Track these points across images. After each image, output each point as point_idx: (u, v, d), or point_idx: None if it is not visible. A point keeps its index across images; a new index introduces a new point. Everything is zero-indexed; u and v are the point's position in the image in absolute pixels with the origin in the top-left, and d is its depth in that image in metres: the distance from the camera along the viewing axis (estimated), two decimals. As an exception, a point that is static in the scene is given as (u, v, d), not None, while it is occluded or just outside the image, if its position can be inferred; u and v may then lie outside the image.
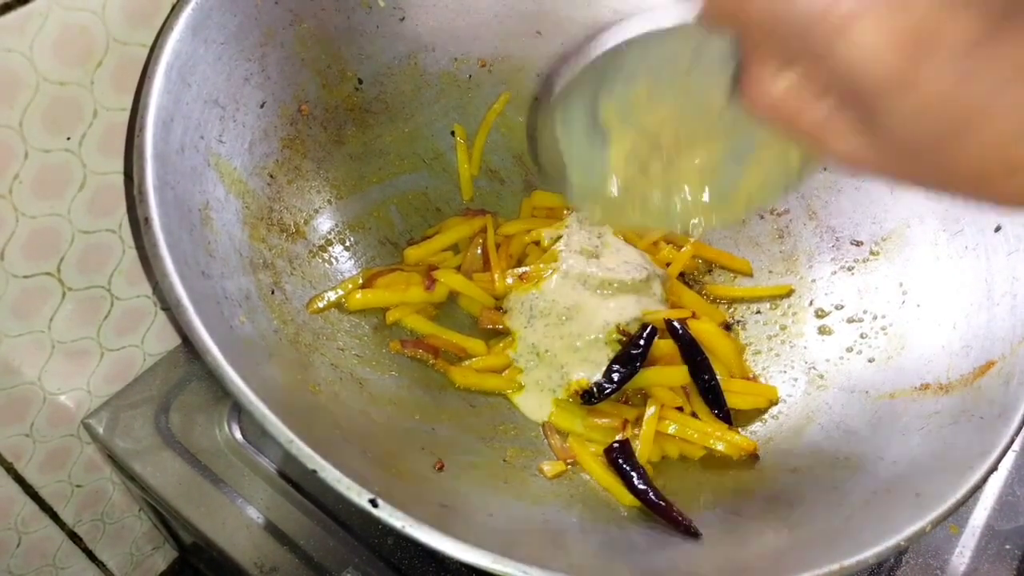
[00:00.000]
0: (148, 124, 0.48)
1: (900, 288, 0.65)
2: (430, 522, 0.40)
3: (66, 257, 0.62)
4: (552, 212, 0.77)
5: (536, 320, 0.66)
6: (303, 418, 0.47)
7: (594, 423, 0.62)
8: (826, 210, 0.71)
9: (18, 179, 0.55)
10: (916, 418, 0.56)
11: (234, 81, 0.57)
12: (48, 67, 0.53)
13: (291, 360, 0.54)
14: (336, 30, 0.66)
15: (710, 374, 0.63)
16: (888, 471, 0.53)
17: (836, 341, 0.66)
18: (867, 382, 0.62)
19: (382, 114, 0.71)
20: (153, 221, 0.45)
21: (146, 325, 0.72)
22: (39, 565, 0.75)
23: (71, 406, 0.69)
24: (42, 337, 0.63)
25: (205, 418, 0.70)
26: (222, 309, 0.49)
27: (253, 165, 0.59)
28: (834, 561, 0.43)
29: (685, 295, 0.71)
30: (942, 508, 0.46)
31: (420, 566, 0.61)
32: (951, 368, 0.57)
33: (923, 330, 0.61)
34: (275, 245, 0.60)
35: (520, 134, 0.78)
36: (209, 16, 0.55)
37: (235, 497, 0.64)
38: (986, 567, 0.61)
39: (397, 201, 0.72)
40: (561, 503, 0.55)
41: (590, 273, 0.67)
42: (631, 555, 0.50)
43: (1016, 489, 0.66)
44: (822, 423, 0.61)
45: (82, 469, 0.73)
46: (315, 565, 0.60)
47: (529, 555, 0.41)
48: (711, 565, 0.50)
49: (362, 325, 0.64)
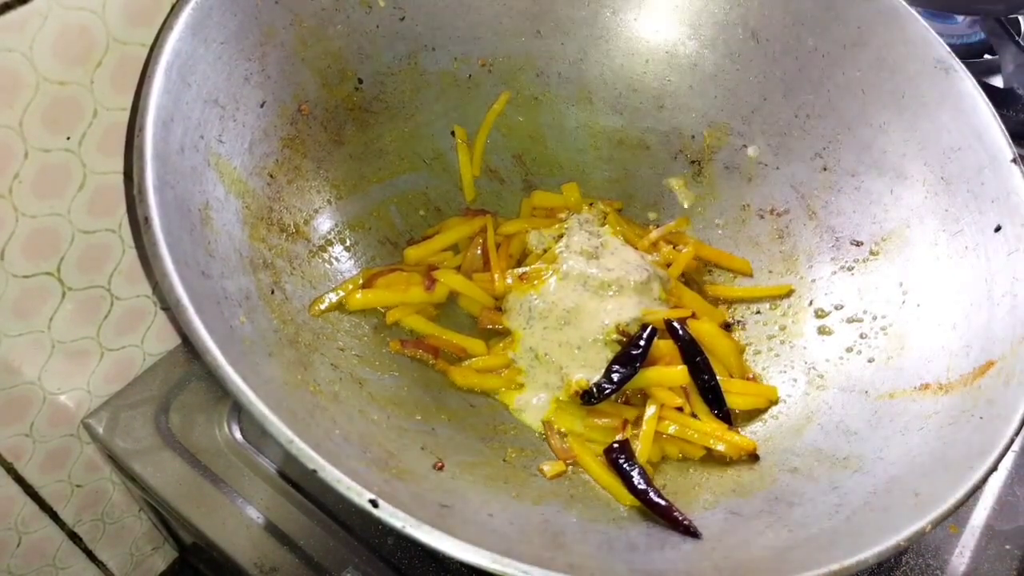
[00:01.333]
0: (148, 124, 0.48)
1: (900, 288, 0.65)
2: (430, 522, 0.40)
3: (66, 257, 0.62)
4: (552, 212, 0.77)
5: (536, 321, 0.66)
6: (303, 418, 0.47)
7: (594, 423, 0.62)
8: (826, 210, 0.71)
9: (18, 179, 0.56)
10: (916, 418, 0.56)
11: (234, 81, 0.57)
12: (48, 67, 0.53)
13: (291, 360, 0.54)
14: (336, 30, 0.66)
15: (710, 374, 0.63)
16: (888, 471, 0.53)
17: (836, 341, 0.66)
18: (867, 382, 0.62)
19: (382, 114, 0.71)
20: (153, 221, 0.45)
21: (146, 325, 0.72)
22: (39, 565, 0.75)
23: (71, 406, 0.69)
24: (42, 337, 0.63)
25: (205, 418, 0.70)
26: (222, 309, 0.49)
27: (253, 165, 0.59)
28: (834, 561, 0.43)
29: (685, 295, 0.71)
30: (942, 508, 0.46)
31: (420, 566, 0.61)
32: (951, 368, 0.57)
33: (923, 330, 0.61)
34: (275, 245, 0.60)
35: (520, 134, 0.78)
36: (209, 16, 0.55)
37: (235, 497, 0.64)
38: (986, 567, 0.61)
39: (397, 201, 0.72)
40: (561, 503, 0.55)
41: (590, 274, 0.67)
42: (631, 555, 0.50)
43: (1016, 489, 0.66)
44: (822, 423, 0.61)
45: (82, 469, 0.73)
46: (315, 565, 0.60)
47: (529, 555, 0.41)
48: (711, 565, 0.50)
49: (362, 325, 0.64)
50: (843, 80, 0.69)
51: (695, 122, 0.77)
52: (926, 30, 0.66)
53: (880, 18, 0.67)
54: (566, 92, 0.78)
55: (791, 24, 0.71)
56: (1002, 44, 1.00)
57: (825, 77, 0.70)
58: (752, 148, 0.75)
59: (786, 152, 0.73)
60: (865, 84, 0.68)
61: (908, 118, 0.66)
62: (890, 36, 0.67)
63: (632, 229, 0.76)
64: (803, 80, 0.71)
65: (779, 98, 0.73)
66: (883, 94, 0.67)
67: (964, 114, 0.63)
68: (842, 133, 0.70)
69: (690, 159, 0.78)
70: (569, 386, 0.64)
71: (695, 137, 0.77)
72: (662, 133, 0.78)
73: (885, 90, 0.67)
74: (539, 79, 0.77)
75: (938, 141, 0.64)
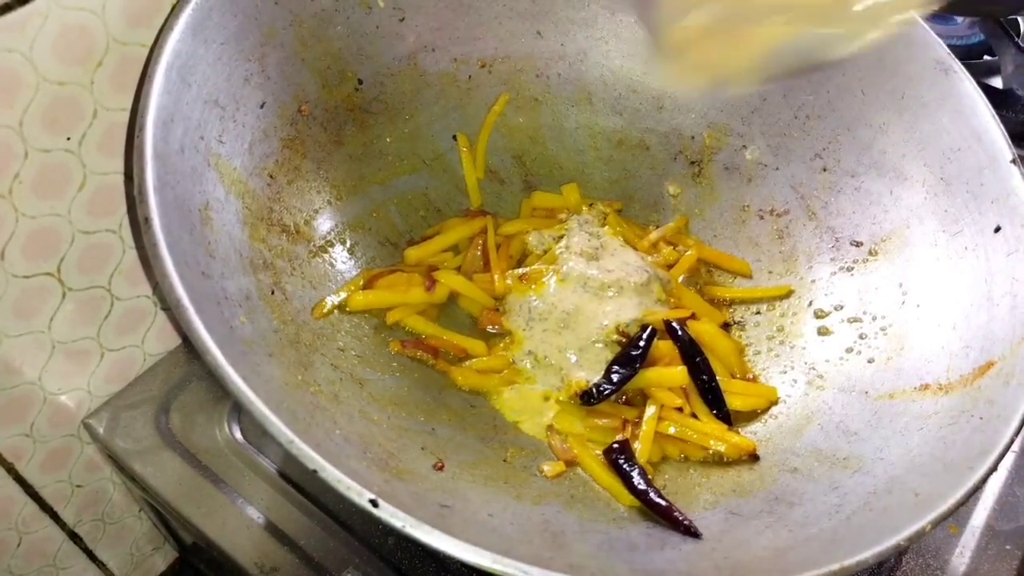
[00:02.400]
0: (148, 124, 0.48)
1: (900, 288, 0.65)
2: (430, 522, 0.40)
3: (66, 257, 0.62)
4: (552, 213, 0.77)
5: (536, 322, 0.66)
6: (303, 418, 0.47)
7: (594, 423, 0.62)
8: (826, 210, 0.71)
9: (18, 179, 0.56)
10: (916, 418, 0.56)
11: (234, 81, 0.57)
12: (48, 67, 0.53)
13: (291, 360, 0.54)
14: (336, 30, 0.66)
15: (710, 375, 0.63)
16: (888, 471, 0.53)
17: (836, 341, 0.66)
18: (867, 382, 0.62)
19: (382, 114, 0.71)
20: (153, 221, 0.45)
21: (146, 325, 0.72)
22: (39, 565, 0.75)
23: (71, 406, 0.69)
24: (42, 337, 0.63)
25: (205, 418, 0.70)
26: (222, 309, 0.49)
27: (253, 165, 0.59)
28: (834, 561, 0.43)
29: (685, 296, 0.71)
30: (942, 508, 0.46)
31: (420, 566, 0.61)
32: (951, 368, 0.57)
33: (923, 330, 0.61)
34: (275, 245, 0.60)
35: (520, 135, 0.78)
36: (209, 16, 0.55)
37: (235, 497, 0.64)
38: (986, 567, 0.61)
39: (397, 201, 0.72)
40: (561, 503, 0.55)
41: (590, 275, 0.67)
42: (631, 555, 0.50)
43: (1016, 489, 0.66)
44: (822, 423, 0.61)
45: (82, 469, 0.73)
46: (315, 565, 0.60)
47: (529, 555, 0.41)
48: (711, 565, 0.50)
49: (362, 325, 0.64)
50: (843, 81, 0.69)
51: (695, 123, 0.77)
52: (926, 31, 0.66)
53: (880, 19, 0.67)
54: (566, 93, 0.78)
55: (791, 25, 0.71)
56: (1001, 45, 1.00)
57: (825, 78, 0.70)
58: (752, 149, 0.75)
59: (786, 153, 0.73)
60: (865, 85, 0.68)
61: (908, 119, 0.66)
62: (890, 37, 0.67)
63: (632, 230, 0.76)
64: (803, 81, 0.71)
65: (779, 99, 0.73)
66: (883, 95, 0.67)
67: (964, 115, 0.63)
68: (842, 134, 0.70)
69: (690, 160, 0.78)
70: (569, 387, 0.64)
71: (695, 138, 0.77)
72: (662, 134, 0.78)
73: (885, 91, 0.67)
74: (539, 80, 0.77)
75: (938, 142, 0.64)
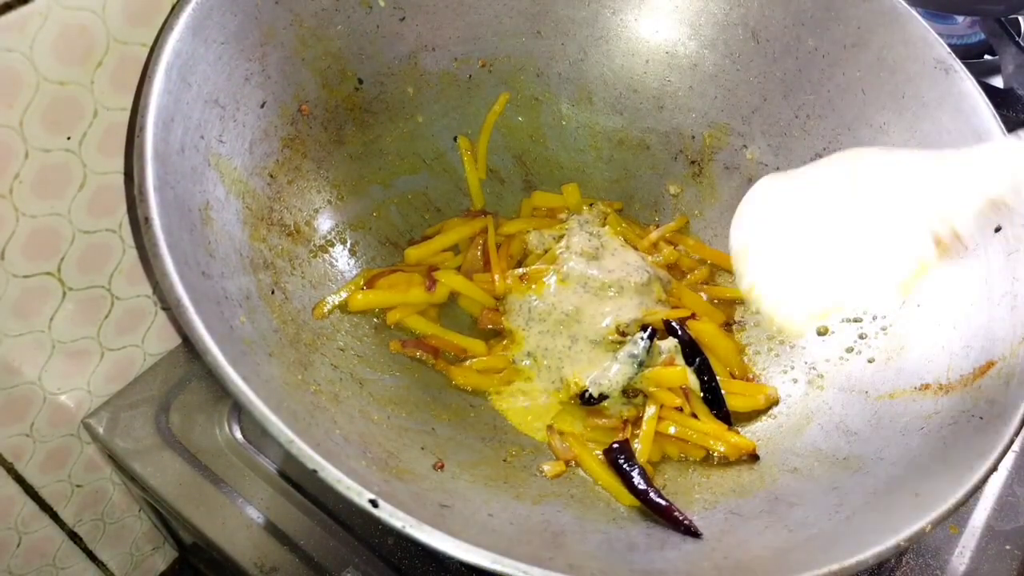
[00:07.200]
0: (148, 124, 0.48)
1: (900, 288, 0.65)
2: (430, 522, 0.40)
3: (66, 257, 0.62)
4: (552, 212, 0.77)
5: (536, 322, 0.66)
6: (303, 418, 0.47)
7: (594, 423, 0.63)
8: (826, 210, 0.71)
9: (18, 179, 0.56)
10: (916, 418, 0.56)
11: (234, 81, 0.57)
12: (48, 67, 0.53)
13: (291, 360, 0.54)
14: (336, 30, 0.66)
15: (710, 375, 0.63)
16: (888, 471, 0.53)
17: (836, 341, 0.66)
18: (867, 382, 0.62)
19: (382, 114, 0.71)
20: (153, 221, 0.45)
21: (146, 325, 0.72)
22: (39, 565, 0.75)
23: (71, 406, 0.69)
24: (42, 337, 0.63)
25: (205, 418, 0.70)
26: (222, 309, 0.49)
27: (253, 165, 0.59)
28: (834, 561, 0.43)
29: (686, 296, 0.71)
30: (942, 508, 0.46)
31: (420, 566, 0.61)
32: (951, 368, 0.57)
33: (923, 330, 0.61)
34: (275, 245, 0.60)
35: (520, 134, 0.78)
36: (209, 16, 0.55)
37: (235, 497, 0.64)
38: (986, 567, 0.61)
39: (397, 201, 0.72)
40: (561, 503, 0.55)
41: (590, 275, 0.67)
42: (631, 555, 0.50)
43: (1016, 489, 0.66)
44: (822, 423, 0.61)
45: (82, 469, 0.73)
46: (315, 565, 0.60)
47: (529, 555, 0.41)
48: (711, 565, 0.50)
49: (362, 325, 0.64)
50: (843, 80, 0.69)
51: (695, 122, 0.77)
52: (926, 30, 0.66)
53: (880, 18, 0.67)
54: (566, 92, 0.78)
55: (791, 24, 0.71)
56: (1002, 45, 1.00)
57: (825, 77, 0.70)
58: (752, 148, 0.75)
59: (786, 152, 0.73)
60: (865, 84, 0.68)
61: (908, 118, 0.66)
62: (890, 36, 0.67)
63: (632, 230, 0.76)
64: (803, 80, 0.71)
65: (779, 98, 0.73)
66: (883, 94, 0.67)
67: (964, 114, 0.63)
68: (842, 133, 0.70)
69: (690, 159, 0.78)
70: (569, 387, 0.64)
71: (695, 137, 0.77)
72: (662, 133, 0.78)
73: (885, 90, 0.67)
74: (539, 79, 0.77)
75: (938, 141, 0.64)
